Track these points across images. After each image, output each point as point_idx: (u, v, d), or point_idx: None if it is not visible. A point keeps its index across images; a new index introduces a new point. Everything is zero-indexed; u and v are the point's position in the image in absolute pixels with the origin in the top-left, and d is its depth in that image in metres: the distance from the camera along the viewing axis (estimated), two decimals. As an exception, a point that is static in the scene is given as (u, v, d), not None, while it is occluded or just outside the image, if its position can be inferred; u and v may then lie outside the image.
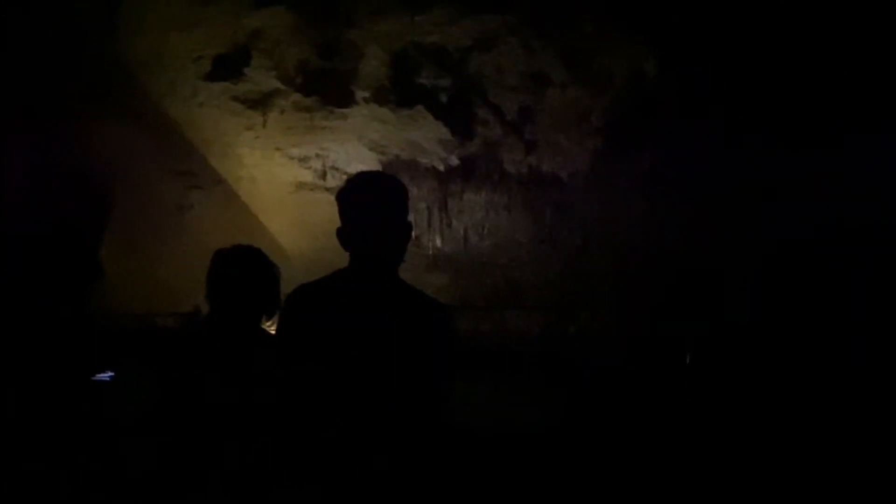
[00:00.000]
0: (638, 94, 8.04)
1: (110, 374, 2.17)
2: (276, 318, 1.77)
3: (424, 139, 8.66)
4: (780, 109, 7.45)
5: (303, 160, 8.46)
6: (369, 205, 1.69)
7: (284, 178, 8.50)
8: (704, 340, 7.30)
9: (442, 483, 1.65)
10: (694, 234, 8.63)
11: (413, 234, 1.75)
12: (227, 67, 7.71)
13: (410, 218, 1.74)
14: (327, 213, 1.86)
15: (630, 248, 9.40)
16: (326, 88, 7.99)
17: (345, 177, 7.37)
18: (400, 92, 8.09)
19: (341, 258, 1.85)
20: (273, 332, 1.71)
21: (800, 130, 7.40)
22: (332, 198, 1.77)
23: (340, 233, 1.69)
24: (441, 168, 9.11)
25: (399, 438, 1.62)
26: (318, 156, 8.48)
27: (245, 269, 1.86)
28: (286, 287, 1.87)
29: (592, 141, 8.69)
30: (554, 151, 8.86)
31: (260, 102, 7.98)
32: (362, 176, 1.82)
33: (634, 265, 9.34)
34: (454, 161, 9.01)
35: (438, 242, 9.59)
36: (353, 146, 8.47)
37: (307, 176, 8.55)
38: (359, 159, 8.44)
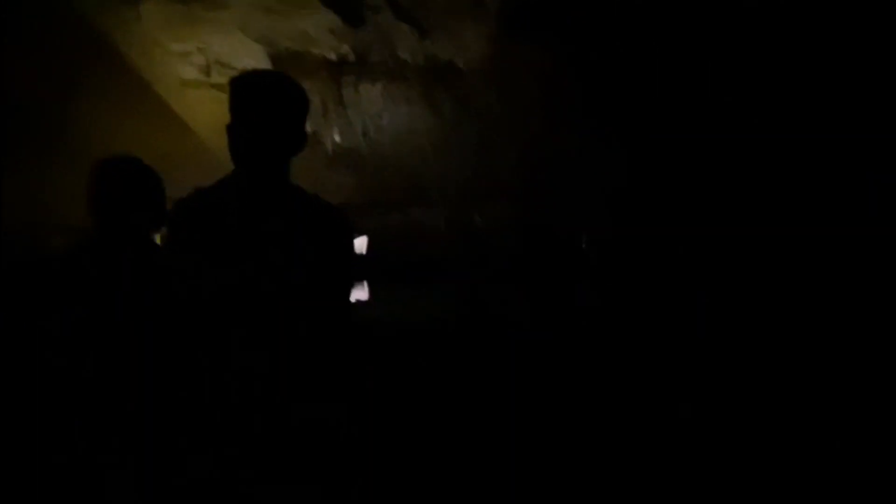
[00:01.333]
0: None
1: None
2: (162, 231, 1.66)
3: (314, 28, 8.23)
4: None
5: (184, 55, 7.89)
6: (265, 108, 1.56)
7: (166, 77, 7.93)
8: (601, 228, 7.58)
9: (358, 383, 1.64)
10: (591, 129, 8.79)
11: (310, 130, 1.65)
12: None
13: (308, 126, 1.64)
14: (214, 111, 1.72)
15: (531, 141, 9.48)
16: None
17: (231, 72, 6.93)
18: (285, -22, 7.58)
19: (231, 162, 1.73)
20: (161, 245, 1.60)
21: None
22: (218, 94, 1.64)
23: (231, 130, 1.56)
24: (334, 58, 8.73)
25: (310, 347, 1.58)
26: (199, 50, 7.91)
27: (123, 178, 1.72)
28: (177, 195, 1.75)
29: (487, 27, 8.50)
30: (449, 38, 8.63)
31: (131, -6, 7.29)
32: (261, 75, 1.69)
33: (536, 157, 9.48)
34: (347, 51, 8.64)
35: (337, 138, 9.33)
36: (237, 38, 7.95)
37: (190, 73, 8.01)
38: (245, 52, 7.96)
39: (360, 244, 7.54)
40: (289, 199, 1.63)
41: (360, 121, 9.19)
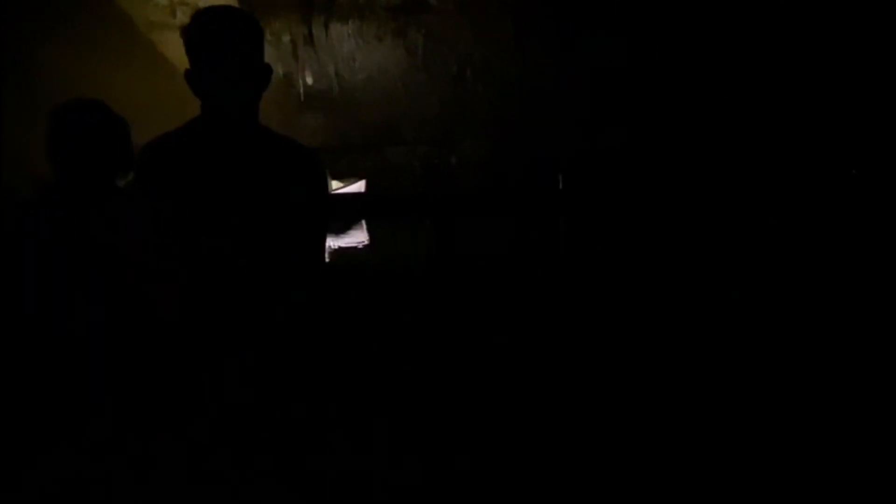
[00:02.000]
0: None
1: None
2: (130, 177, 1.64)
3: (282, -35, 7.97)
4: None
5: (147, -4, 7.63)
6: (218, 42, 1.54)
7: (130, 18, 7.68)
8: (578, 161, 7.59)
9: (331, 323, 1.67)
10: (564, 62, 8.70)
11: (281, 72, 1.64)
12: None
13: (268, 57, 1.61)
14: (180, 54, 1.70)
15: (504, 75, 9.38)
16: None
17: (197, 12, 6.73)
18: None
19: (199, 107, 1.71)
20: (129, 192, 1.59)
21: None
22: (184, 36, 1.61)
23: (189, 75, 1.54)
24: (303, -3, 8.50)
25: (285, 293, 1.60)
26: (163, -11, 7.65)
27: (85, 123, 1.68)
28: (144, 141, 1.73)
29: (462, -39, 8.30)
30: (422, -26, 8.42)
31: (86, -73, 6.97)
32: (209, 11, 1.65)
33: (510, 93, 9.40)
34: (317, -12, 8.41)
35: (309, 80, 9.16)
36: (202, -24, 7.69)
37: (155, 14, 7.76)
38: (211, -9, 7.70)
39: (359, 186, 7.51)
40: (258, 140, 1.62)
41: (331, 62, 9.02)
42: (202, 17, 1.57)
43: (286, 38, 9.10)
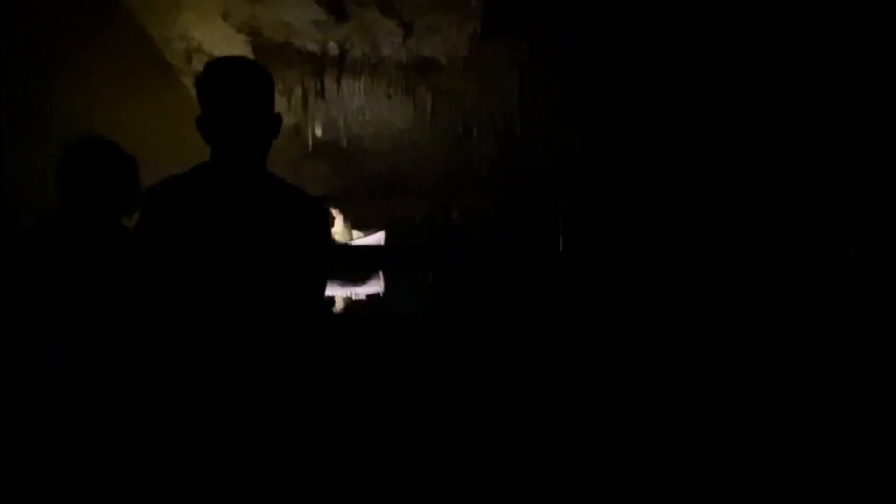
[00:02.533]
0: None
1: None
2: (136, 216, 1.67)
3: (297, 20, 8.19)
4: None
5: (165, 42, 7.83)
6: (230, 91, 1.58)
7: (147, 63, 7.87)
8: (577, 229, 7.66)
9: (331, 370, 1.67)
10: (568, 121, 8.87)
11: (291, 122, 1.68)
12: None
13: (279, 107, 1.66)
14: (194, 99, 1.74)
15: (509, 134, 9.55)
16: (186, -38, 7.32)
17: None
18: (269, -32, 7.54)
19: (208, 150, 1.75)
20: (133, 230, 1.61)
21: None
22: (201, 83, 1.65)
23: (200, 122, 1.58)
24: (316, 51, 8.70)
25: (284, 340, 1.60)
26: (180, 37, 7.86)
27: (94, 161, 1.71)
28: (151, 182, 1.75)
29: (473, 24, 8.53)
30: (433, 35, 8.64)
31: (110, -22, 7.21)
32: (222, 60, 1.69)
33: (513, 150, 9.55)
34: (330, 44, 8.62)
35: (318, 131, 9.31)
36: (219, 27, 7.90)
37: (171, 60, 7.96)
38: (226, 41, 7.91)
39: (379, 237, 7.54)
40: (264, 187, 1.65)
41: (340, 114, 9.19)
42: (215, 67, 1.61)
43: (298, 91, 9.30)
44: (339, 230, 7.46)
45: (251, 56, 7.98)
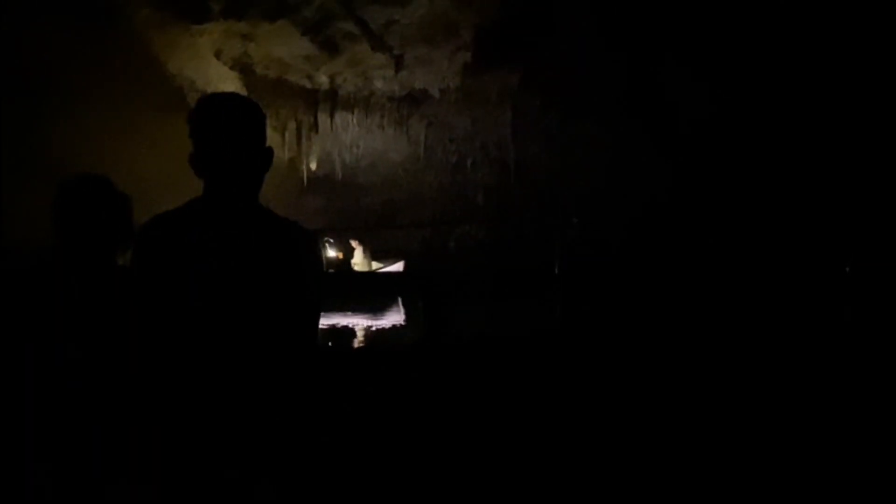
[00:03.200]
0: (505, 7, 8.06)
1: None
2: (129, 253, 1.68)
3: (289, 55, 8.30)
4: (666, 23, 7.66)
5: (160, 81, 7.93)
6: (222, 127, 1.60)
7: (143, 101, 7.95)
8: (573, 247, 7.68)
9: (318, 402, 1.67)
10: (559, 148, 8.96)
11: (286, 157, 1.70)
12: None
13: (274, 142, 1.69)
14: (186, 136, 1.76)
15: (502, 163, 9.63)
16: (181, 2, 7.43)
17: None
18: (262, 5, 7.65)
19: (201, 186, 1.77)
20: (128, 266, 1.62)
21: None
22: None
23: (192, 159, 1.60)
24: (309, 87, 8.81)
25: (276, 372, 1.61)
26: (175, 76, 7.96)
27: (88, 197, 1.72)
28: (145, 217, 1.77)
29: (462, 55, 8.66)
30: (424, 68, 8.76)
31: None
32: (213, 97, 1.71)
33: (506, 179, 9.62)
34: (322, 79, 8.73)
35: (312, 165, 9.37)
36: (212, 64, 8.00)
37: (166, 98, 8.04)
38: (219, 78, 8.00)
39: (398, 266, 7.67)
40: (257, 220, 1.66)
41: (335, 148, 9.26)
42: (206, 103, 1.63)
43: (292, 125, 9.38)
44: (358, 261, 7.63)
45: (244, 92, 8.07)
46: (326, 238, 8.70)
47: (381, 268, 7.60)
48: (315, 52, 8.21)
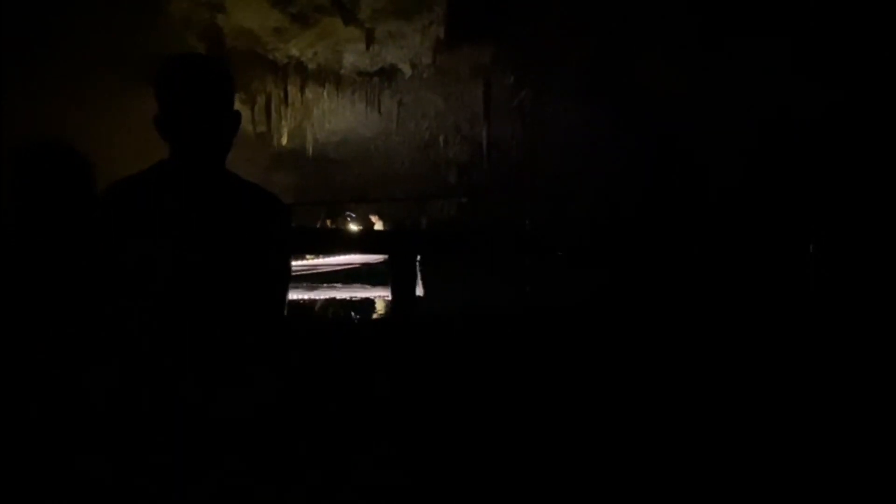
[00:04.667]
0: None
1: None
2: (90, 218, 1.64)
3: (260, 28, 8.16)
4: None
5: (126, 52, 7.75)
6: (188, 87, 1.56)
7: (109, 73, 7.78)
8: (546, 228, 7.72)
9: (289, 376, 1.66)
10: (532, 127, 8.97)
11: (256, 131, 1.68)
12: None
13: (244, 117, 1.66)
14: (154, 108, 1.72)
15: (473, 140, 9.62)
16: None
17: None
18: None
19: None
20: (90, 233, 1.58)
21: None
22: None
23: (158, 120, 1.56)
24: (279, 60, 8.68)
25: (247, 343, 1.59)
26: (140, 46, 7.79)
27: (45, 163, 1.66)
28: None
29: (435, 30, 8.59)
30: (396, 43, 8.68)
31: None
32: (179, 57, 1.67)
33: (478, 157, 9.62)
34: (293, 52, 8.60)
35: (283, 140, 9.26)
36: (182, 36, 7.84)
37: (132, 69, 7.87)
38: (188, 51, 7.84)
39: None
40: (226, 184, 1.63)
41: (305, 123, 9.15)
42: (172, 62, 1.59)
43: (262, 99, 9.25)
44: None
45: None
46: (348, 213, 8.65)
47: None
48: (286, 24, 8.09)
